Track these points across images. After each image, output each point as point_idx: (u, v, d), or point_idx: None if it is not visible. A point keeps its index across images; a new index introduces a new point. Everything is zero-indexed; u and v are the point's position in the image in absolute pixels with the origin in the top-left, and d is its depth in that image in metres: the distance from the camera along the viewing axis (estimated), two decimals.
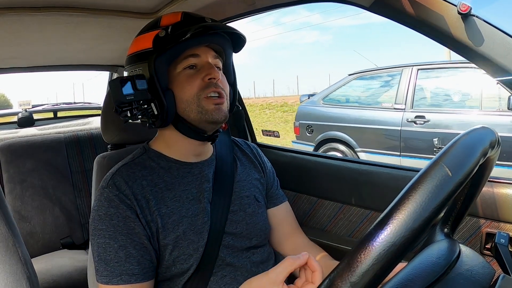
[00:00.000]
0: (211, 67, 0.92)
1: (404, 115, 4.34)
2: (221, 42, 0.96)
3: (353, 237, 1.31)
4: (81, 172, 2.07)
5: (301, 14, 49.18)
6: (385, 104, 4.66)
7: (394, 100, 4.51)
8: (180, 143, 0.96)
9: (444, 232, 0.69)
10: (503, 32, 0.76)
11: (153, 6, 1.34)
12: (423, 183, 0.42)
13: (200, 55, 0.93)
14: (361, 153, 4.75)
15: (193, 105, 0.90)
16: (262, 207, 1.05)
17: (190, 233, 0.88)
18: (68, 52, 1.88)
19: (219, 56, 0.98)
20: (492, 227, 1.00)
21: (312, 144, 5.25)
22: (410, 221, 0.40)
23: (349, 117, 4.93)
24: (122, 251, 0.83)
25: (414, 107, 4.32)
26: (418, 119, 4.20)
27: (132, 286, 0.82)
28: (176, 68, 0.92)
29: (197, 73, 0.92)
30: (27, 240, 1.86)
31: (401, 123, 4.34)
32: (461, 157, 0.46)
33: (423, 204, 0.40)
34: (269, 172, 1.13)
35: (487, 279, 0.59)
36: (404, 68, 4.55)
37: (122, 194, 0.86)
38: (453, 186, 0.43)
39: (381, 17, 0.93)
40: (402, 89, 4.45)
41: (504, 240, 0.69)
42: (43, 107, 3.41)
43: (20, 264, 0.85)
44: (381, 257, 0.39)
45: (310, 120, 5.36)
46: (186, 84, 0.91)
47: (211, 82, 0.90)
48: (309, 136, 5.33)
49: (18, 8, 1.17)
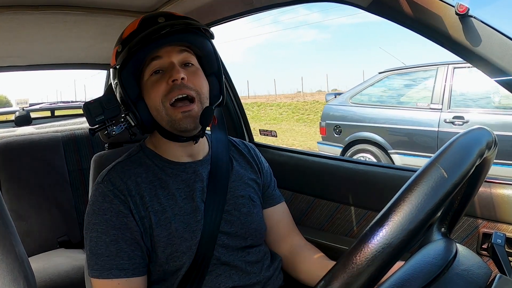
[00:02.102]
0: (173, 67, 0.89)
1: (441, 115, 4.13)
2: (185, 38, 0.92)
3: (350, 237, 1.31)
4: (78, 171, 2.07)
5: (300, 12, 49.27)
6: (420, 103, 4.42)
7: (430, 100, 4.28)
8: (167, 146, 0.97)
9: (441, 232, 0.69)
10: (500, 33, 0.76)
11: (151, 5, 1.34)
12: (418, 185, 0.42)
13: (162, 56, 0.90)
14: (395, 155, 4.52)
15: (162, 113, 0.90)
16: (258, 207, 1.04)
17: (182, 231, 0.89)
18: (66, 51, 1.87)
19: (188, 50, 0.94)
20: (488, 227, 1.01)
21: (341, 146, 5.03)
22: (405, 222, 0.40)
23: (381, 117, 4.67)
24: (114, 245, 0.83)
25: (451, 107, 4.11)
26: (457, 120, 4.01)
27: (122, 280, 0.83)
28: (144, 76, 0.91)
29: (162, 77, 0.90)
30: (24, 239, 1.84)
31: (438, 124, 4.12)
32: (457, 158, 0.46)
33: (418, 206, 0.40)
34: (266, 172, 1.13)
35: (484, 279, 0.59)
36: (439, 66, 4.32)
37: (117, 189, 0.87)
38: (449, 187, 0.43)
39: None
40: (438, 88, 4.24)
41: (501, 240, 0.69)
42: (40, 106, 3.41)
43: (17, 263, 0.85)
44: (376, 258, 0.39)
45: (337, 120, 5.09)
46: (152, 91, 0.90)
47: (175, 84, 0.88)
48: (336, 137, 5.08)
49: (16, 7, 1.16)
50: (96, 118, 0.90)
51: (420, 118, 4.32)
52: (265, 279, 0.97)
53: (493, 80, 0.78)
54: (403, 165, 4.27)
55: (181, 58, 0.92)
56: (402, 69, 4.96)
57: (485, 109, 3.97)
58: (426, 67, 4.62)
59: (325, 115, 5.35)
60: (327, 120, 5.25)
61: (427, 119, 4.25)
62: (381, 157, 4.64)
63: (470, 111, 4.01)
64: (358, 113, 4.94)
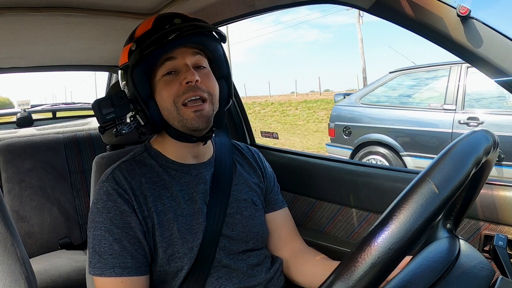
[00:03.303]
0: (187, 69, 0.89)
1: (455, 116, 3.98)
2: (199, 40, 0.93)
3: (351, 239, 1.31)
4: (80, 172, 2.07)
5: (301, 13, 49.09)
6: (433, 104, 4.25)
7: (443, 100, 4.14)
8: (174, 146, 0.97)
9: (447, 228, 0.69)
10: (502, 34, 0.76)
11: (153, 7, 1.34)
12: (408, 201, 0.41)
13: (176, 57, 0.91)
14: (407, 157, 4.34)
15: (174, 113, 0.90)
16: (260, 211, 1.05)
17: (184, 232, 0.89)
18: (68, 52, 1.88)
19: (201, 52, 0.95)
20: (490, 230, 1.00)
21: (350, 148, 4.88)
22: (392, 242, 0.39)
23: (392, 118, 4.50)
24: (117, 244, 0.84)
25: (465, 107, 3.97)
26: (472, 121, 3.87)
27: (124, 279, 0.83)
28: (156, 75, 0.91)
29: (175, 78, 0.90)
30: (26, 240, 1.86)
31: (452, 125, 3.96)
32: (450, 171, 0.44)
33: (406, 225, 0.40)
34: (270, 177, 1.13)
35: (487, 280, 0.59)
36: (452, 66, 4.16)
37: (121, 188, 0.88)
38: (439, 203, 0.42)
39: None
40: (451, 88, 4.08)
41: (502, 242, 0.69)
42: (42, 107, 3.41)
43: (18, 264, 0.85)
44: (377, 264, 0.39)
45: (347, 122, 4.92)
46: (164, 91, 0.90)
47: (189, 86, 0.88)
48: (346, 139, 4.92)
49: (18, 8, 1.17)
50: (106, 115, 0.89)
51: (433, 119, 4.16)
52: (265, 281, 0.97)
53: (494, 81, 0.78)
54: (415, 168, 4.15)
55: (195, 61, 0.93)
56: (413, 69, 4.79)
57: (500, 110, 3.85)
58: (438, 66, 4.46)
59: (334, 116, 5.16)
60: (336, 122, 5.07)
61: (440, 120, 4.10)
62: (392, 159, 4.48)
63: (485, 112, 3.88)
64: (368, 114, 4.77)
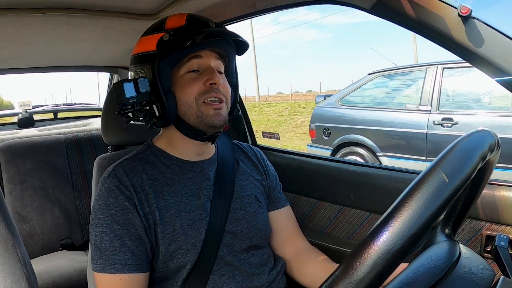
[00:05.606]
0: (212, 71, 0.92)
1: (430, 117, 4.06)
2: (225, 47, 0.97)
3: (353, 239, 1.30)
4: (81, 173, 2.07)
5: (300, 12, 48.96)
6: (409, 105, 4.36)
7: (419, 101, 4.22)
8: (181, 142, 0.98)
9: (445, 233, 0.69)
10: (503, 34, 0.76)
11: (154, 8, 1.34)
12: (419, 190, 0.42)
13: (202, 56, 0.93)
14: (383, 157, 4.44)
15: (193, 108, 0.92)
16: (263, 207, 1.06)
17: (187, 228, 0.90)
18: (69, 53, 1.88)
19: (221, 58, 0.98)
20: (492, 230, 1.00)
21: (330, 148, 4.98)
22: (406, 228, 0.39)
23: (369, 119, 4.61)
24: (118, 240, 0.85)
25: (440, 108, 4.05)
26: (446, 122, 3.95)
27: (124, 275, 0.84)
28: (179, 70, 0.93)
29: (199, 77, 0.92)
30: (27, 240, 1.86)
31: (427, 126, 4.06)
32: (459, 162, 0.46)
33: (419, 211, 0.40)
34: (272, 175, 1.15)
35: (487, 281, 0.58)
36: (428, 67, 4.25)
37: (122, 185, 0.89)
38: (450, 192, 0.42)
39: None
40: (427, 89, 4.17)
41: (504, 242, 0.69)
42: (43, 108, 3.41)
43: (20, 265, 0.85)
44: (377, 264, 0.39)
45: (327, 123, 5.04)
46: (188, 87, 0.92)
47: (212, 87, 0.91)
48: (326, 140, 5.03)
49: (19, 9, 1.17)
50: (129, 99, 0.87)
51: (409, 120, 4.26)
52: (267, 282, 0.98)
53: (494, 80, 0.78)
54: None
55: (217, 64, 0.96)
56: (391, 70, 4.89)
57: (475, 111, 3.91)
58: (415, 67, 4.58)
59: (314, 117, 5.29)
60: (316, 123, 5.20)
61: (416, 121, 4.19)
62: (370, 160, 4.57)
63: (459, 113, 3.94)
64: (347, 115, 4.90)
